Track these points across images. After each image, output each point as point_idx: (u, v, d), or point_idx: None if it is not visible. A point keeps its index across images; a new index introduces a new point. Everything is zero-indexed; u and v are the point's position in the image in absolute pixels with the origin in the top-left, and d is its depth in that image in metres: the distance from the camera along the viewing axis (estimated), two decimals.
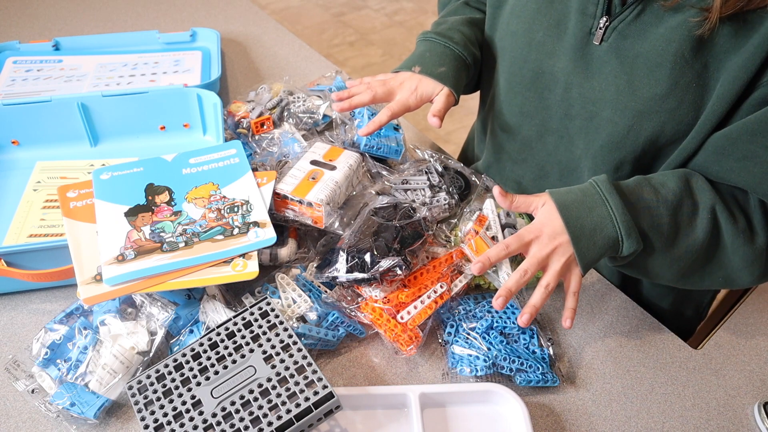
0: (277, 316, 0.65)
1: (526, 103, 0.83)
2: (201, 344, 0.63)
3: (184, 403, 0.59)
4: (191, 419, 0.57)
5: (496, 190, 0.69)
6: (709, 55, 0.65)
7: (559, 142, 0.82)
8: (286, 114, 0.98)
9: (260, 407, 0.58)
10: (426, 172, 0.86)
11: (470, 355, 0.69)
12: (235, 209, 0.74)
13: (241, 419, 0.57)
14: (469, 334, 0.71)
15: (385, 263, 0.68)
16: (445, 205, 0.83)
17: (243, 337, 0.63)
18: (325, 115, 0.98)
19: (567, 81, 0.76)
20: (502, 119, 0.89)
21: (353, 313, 0.71)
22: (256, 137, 0.94)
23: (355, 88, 0.85)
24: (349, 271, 0.69)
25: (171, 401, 0.59)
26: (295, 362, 0.61)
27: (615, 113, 0.72)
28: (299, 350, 0.62)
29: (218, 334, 0.63)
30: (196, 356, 0.62)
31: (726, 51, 0.64)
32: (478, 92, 0.98)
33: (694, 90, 0.67)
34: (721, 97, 0.66)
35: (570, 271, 0.68)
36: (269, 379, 0.60)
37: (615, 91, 0.72)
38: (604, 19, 0.70)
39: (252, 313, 0.65)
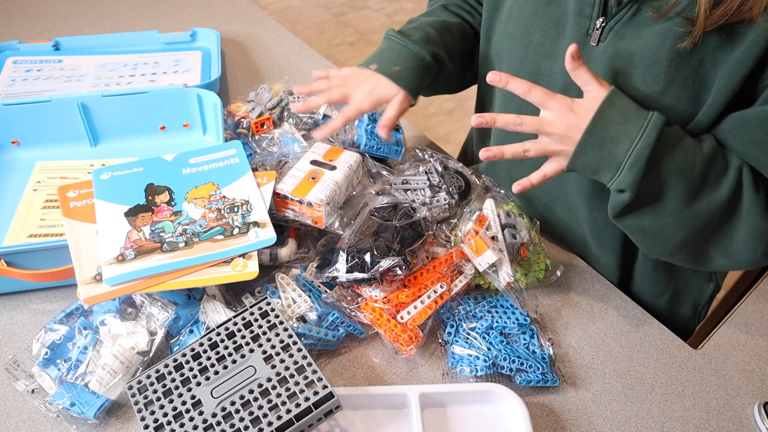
0: (277, 316, 0.65)
1: (524, 105, 0.83)
2: (201, 344, 0.63)
3: (184, 403, 0.59)
4: (191, 419, 0.57)
5: (572, 47, 0.67)
6: (705, 51, 0.66)
7: None
8: (286, 114, 0.98)
9: (260, 407, 0.58)
10: (426, 172, 0.86)
11: (470, 355, 0.69)
12: (235, 209, 0.74)
13: (241, 419, 0.57)
14: (469, 334, 0.71)
15: (385, 263, 0.68)
16: (445, 205, 0.83)
17: (243, 337, 0.63)
18: (325, 115, 0.98)
19: (565, 82, 0.76)
20: None
21: (353, 313, 0.71)
22: (256, 137, 0.94)
23: (315, 84, 0.84)
24: (349, 271, 0.69)
25: (171, 401, 0.59)
26: (295, 362, 0.61)
27: None
28: (299, 350, 0.62)
29: (218, 334, 0.63)
30: (196, 356, 0.62)
31: (722, 46, 0.65)
32: (475, 95, 0.98)
33: (691, 86, 0.68)
34: (719, 91, 0.66)
35: (555, 159, 0.69)
36: (269, 379, 0.60)
37: None
38: (601, 20, 0.70)
39: (252, 313, 0.65)
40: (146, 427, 0.57)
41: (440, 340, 0.72)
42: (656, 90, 0.69)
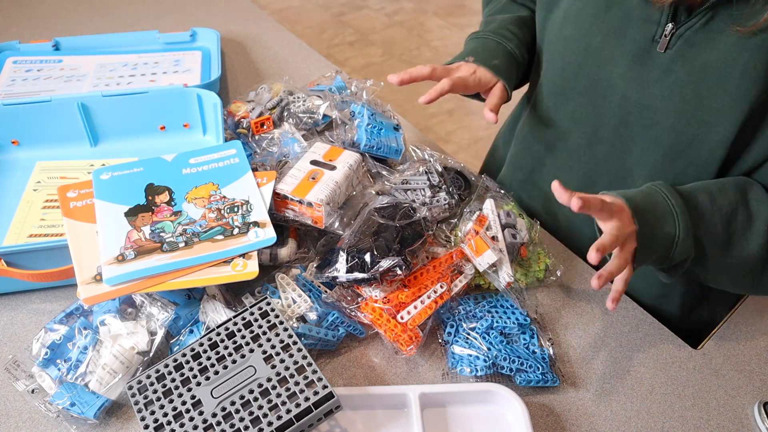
0: (277, 316, 0.65)
1: (579, 109, 0.81)
2: (201, 344, 0.63)
3: (184, 403, 0.59)
4: (191, 419, 0.57)
5: (555, 183, 0.65)
6: None
7: (611, 151, 0.80)
8: (286, 114, 0.98)
9: (260, 407, 0.58)
10: (426, 172, 0.86)
11: (470, 355, 0.69)
12: (235, 209, 0.74)
13: (241, 419, 0.57)
14: (469, 334, 0.71)
15: (385, 263, 0.68)
16: (445, 205, 0.83)
17: (243, 337, 0.63)
18: (325, 115, 0.98)
19: (625, 88, 0.74)
20: (549, 126, 0.87)
21: (353, 313, 0.71)
22: (256, 137, 0.94)
23: (414, 70, 0.80)
24: (349, 271, 0.69)
25: (171, 401, 0.59)
26: (295, 362, 0.61)
27: (679, 122, 0.71)
28: (299, 350, 0.62)
29: (218, 334, 0.63)
30: (196, 356, 0.62)
31: None
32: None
33: (764, 102, 0.66)
34: None
35: (625, 255, 0.67)
36: (269, 379, 0.60)
37: (680, 100, 0.70)
38: (670, 26, 0.68)
39: (252, 313, 0.65)
40: (146, 427, 0.57)
41: (440, 340, 0.72)
42: (725, 103, 0.67)
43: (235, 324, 0.64)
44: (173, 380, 0.60)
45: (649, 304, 0.84)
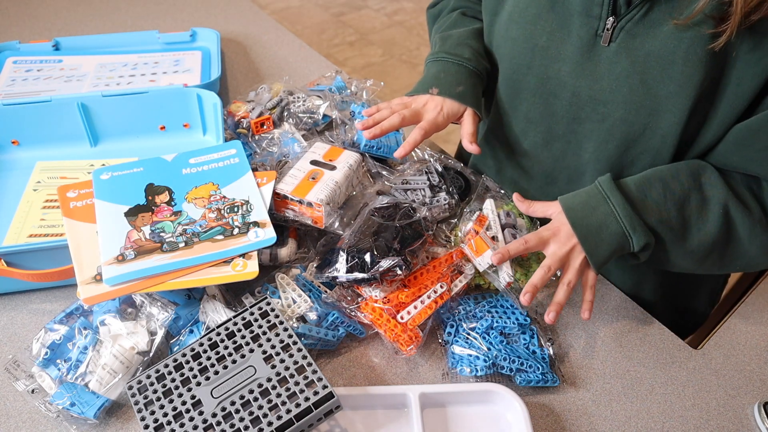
0: (277, 316, 0.65)
1: (532, 109, 0.82)
2: (201, 344, 0.63)
3: (184, 403, 0.59)
4: (191, 419, 0.57)
5: (515, 196, 0.75)
6: (725, 52, 0.65)
7: (567, 148, 0.81)
8: (286, 114, 0.98)
9: (260, 407, 0.58)
10: (426, 172, 0.86)
11: (470, 355, 0.69)
12: (235, 209, 0.74)
13: (241, 419, 0.57)
14: (469, 334, 0.71)
15: (385, 263, 0.68)
16: (445, 205, 0.83)
17: (243, 337, 0.63)
18: (325, 115, 0.98)
19: (575, 85, 0.75)
20: (506, 128, 0.87)
21: (353, 313, 0.71)
22: (256, 137, 0.94)
23: (378, 114, 0.81)
24: (349, 271, 0.69)
25: (171, 401, 0.59)
26: (295, 362, 0.61)
27: (629, 113, 0.72)
28: (299, 350, 0.62)
29: (218, 334, 0.63)
30: (196, 356, 0.62)
31: (744, 49, 0.64)
32: None
33: (708, 86, 0.67)
34: (740, 95, 0.66)
35: (587, 268, 0.71)
36: (269, 379, 0.60)
37: (628, 91, 0.71)
38: (611, 19, 0.69)
39: (252, 313, 0.65)
40: (146, 427, 0.57)
41: (440, 340, 0.72)
42: (673, 90, 0.68)
43: (235, 324, 0.64)
44: (173, 380, 0.60)
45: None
